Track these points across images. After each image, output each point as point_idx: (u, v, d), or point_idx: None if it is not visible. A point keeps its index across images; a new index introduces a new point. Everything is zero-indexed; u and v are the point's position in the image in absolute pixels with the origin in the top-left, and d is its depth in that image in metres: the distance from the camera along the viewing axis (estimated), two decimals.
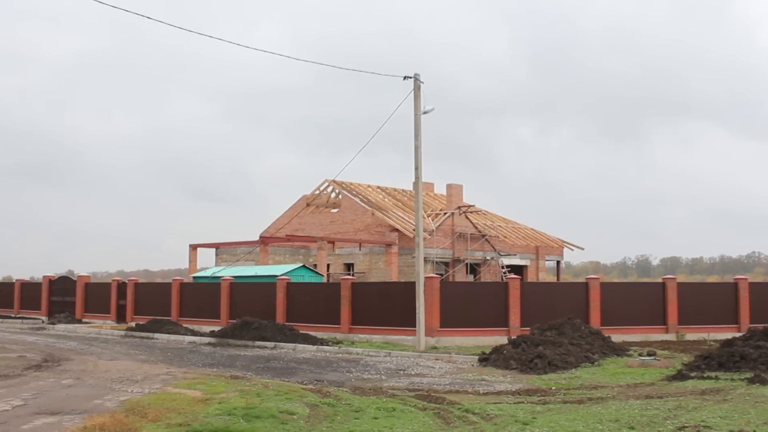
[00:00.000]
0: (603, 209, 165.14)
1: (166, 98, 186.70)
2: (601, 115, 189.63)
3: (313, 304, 27.68)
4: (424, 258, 36.02)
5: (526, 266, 48.50)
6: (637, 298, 26.48)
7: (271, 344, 24.13)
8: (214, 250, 45.92)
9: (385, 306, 25.72)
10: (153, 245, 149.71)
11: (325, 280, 35.82)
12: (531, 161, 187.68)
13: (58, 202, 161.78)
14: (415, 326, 23.39)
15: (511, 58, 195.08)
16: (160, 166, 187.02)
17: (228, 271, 34.29)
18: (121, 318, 34.99)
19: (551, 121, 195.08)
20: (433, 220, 43.79)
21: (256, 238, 43.62)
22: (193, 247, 42.62)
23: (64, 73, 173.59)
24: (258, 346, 24.20)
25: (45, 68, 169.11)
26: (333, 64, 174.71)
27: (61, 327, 32.81)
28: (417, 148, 23.30)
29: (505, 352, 19.19)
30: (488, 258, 45.33)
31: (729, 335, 22.71)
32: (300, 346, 23.58)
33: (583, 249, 52.34)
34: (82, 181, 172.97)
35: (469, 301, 25.08)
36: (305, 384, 15.44)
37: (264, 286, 29.57)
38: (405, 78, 23.12)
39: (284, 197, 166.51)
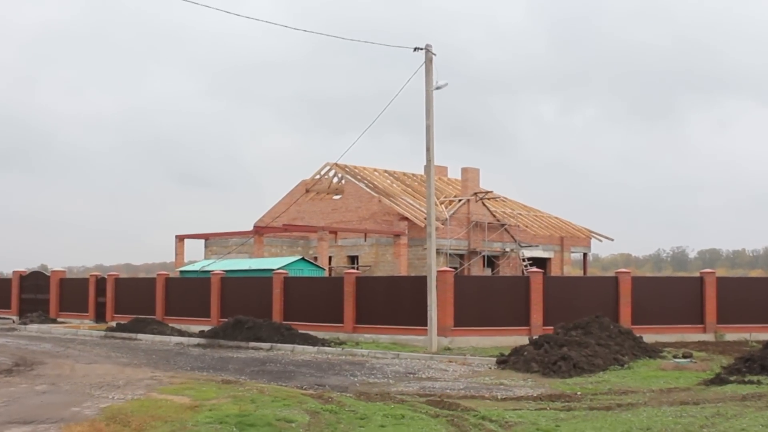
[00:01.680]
0: (634, 196, 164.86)
1: (146, 73, 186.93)
2: (630, 91, 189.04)
3: (313, 301, 27.75)
4: (437, 250, 36.00)
5: (549, 259, 48.48)
6: (672, 295, 26.45)
7: (266, 345, 24.23)
8: (203, 241, 46.01)
9: (394, 303, 25.76)
10: (135, 237, 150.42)
11: (326, 274, 35.90)
12: (553, 142, 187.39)
13: (27, 189, 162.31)
14: (426, 325, 23.44)
15: (530, 28, 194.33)
16: (142, 148, 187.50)
17: (219, 265, 34.40)
18: (100, 317, 35.18)
19: (575, 98, 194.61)
20: (446, 208, 43.78)
21: (250, 227, 43.73)
22: (180, 239, 42.75)
23: (30, 46, 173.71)
24: (252, 348, 24.30)
25: (9, 41, 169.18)
26: (332, 34, 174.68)
27: (33, 327, 33.01)
28: (428, 128, 23.24)
29: (525, 353, 19.23)
30: (507, 250, 45.31)
31: None
32: (299, 347, 23.68)
33: (612, 240, 52.35)
34: (53, 165, 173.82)
35: (486, 298, 25.10)
36: (305, 389, 15.50)
37: (259, 282, 29.65)
38: (415, 50, 23.03)
39: (281, 183, 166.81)
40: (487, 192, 45.79)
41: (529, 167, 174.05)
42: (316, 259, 39.68)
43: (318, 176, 48.58)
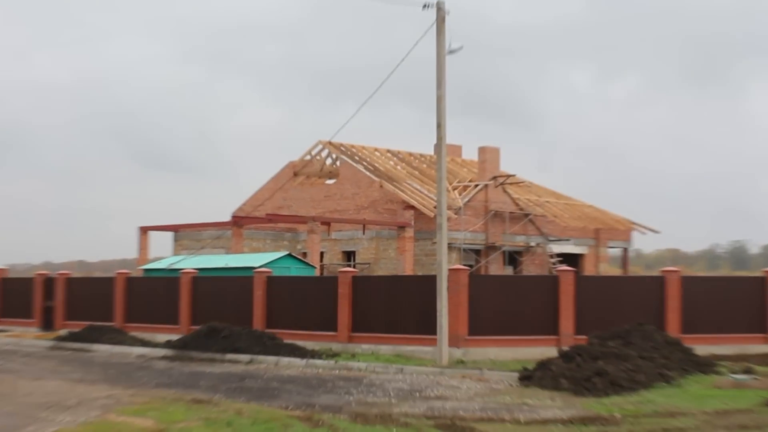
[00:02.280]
0: (684, 180, 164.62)
1: (103, 34, 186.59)
2: (679, 56, 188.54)
3: (301, 305, 27.74)
4: (448, 244, 35.86)
5: (582, 255, 48.47)
6: (730, 298, 26.40)
7: (246, 357, 24.23)
8: (171, 234, 46.01)
9: (397, 307, 25.75)
10: (90, 228, 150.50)
11: (317, 273, 35.88)
12: (587, 117, 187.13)
13: None
14: (435, 333, 23.42)
15: None
16: (98, 123, 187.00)
17: (190, 262, 34.40)
18: (48, 324, 35.21)
19: (613, 65, 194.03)
20: (460, 195, 43.73)
21: (227, 218, 43.69)
22: (144, 231, 42.71)
23: None
24: (229, 360, 24.30)
25: None
26: None
27: None
28: (440, 100, 23.17)
29: (553, 367, 19.21)
30: (533, 244, 45.29)
31: None
32: (284, 360, 23.68)
33: (658, 233, 52.34)
34: None
35: (506, 301, 25.07)
36: (291, 409, 15.48)
37: (237, 282, 29.64)
38: (425, 7, 22.93)
39: (264, 165, 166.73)
40: (508, 176, 45.71)
41: (559, 147, 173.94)
42: (305, 255, 39.64)
43: (308, 157, 48.53)
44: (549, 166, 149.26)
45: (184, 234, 45.46)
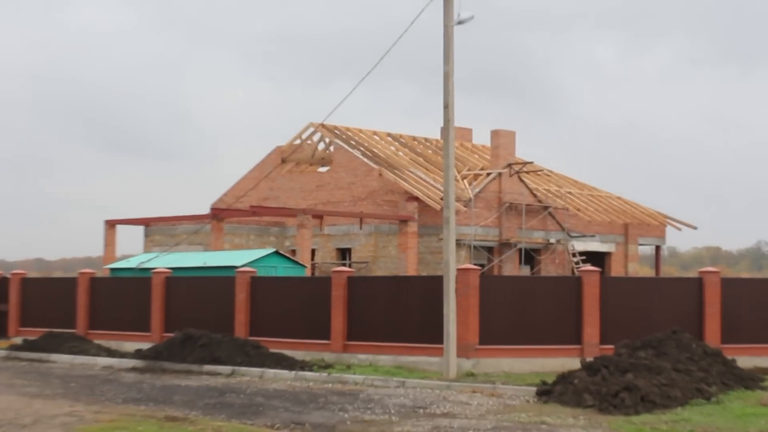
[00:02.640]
0: (726, 169, 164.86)
1: (64, 2, 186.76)
2: (719, 27, 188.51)
3: (290, 310, 27.70)
4: (457, 240, 35.87)
5: (609, 254, 48.42)
6: None
7: (226, 369, 24.18)
8: (142, 228, 45.97)
9: (398, 312, 25.70)
10: (49, 222, 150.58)
11: (308, 273, 35.82)
12: (614, 96, 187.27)
13: None
14: (441, 342, 23.37)
15: None
16: (58, 104, 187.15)
17: (163, 261, 34.33)
18: (1, 331, 35.11)
19: (644, 36, 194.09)
20: (470, 185, 43.64)
21: (206, 210, 43.59)
22: (111, 225, 42.65)
23: None
24: (207, 372, 24.25)
25: None
26: None
27: None
28: (447, 77, 23.11)
29: (576, 381, 19.15)
30: (553, 241, 45.22)
31: None
32: (270, 372, 23.63)
33: (695, 228, 52.23)
34: None
35: (523, 306, 25.01)
36: (277, 428, 15.43)
37: (217, 283, 29.59)
38: None
39: (247, 150, 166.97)
40: (525, 163, 45.63)
41: (582, 130, 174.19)
42: (294, 252, 39.57)
43: (298, 141, 48.41)
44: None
45: (157, 228, 45.36)
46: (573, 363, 22.06)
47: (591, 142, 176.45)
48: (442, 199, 32.59)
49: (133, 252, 44.86)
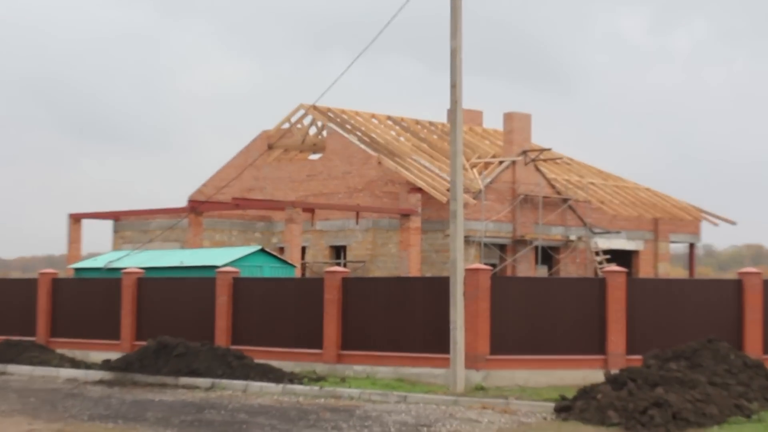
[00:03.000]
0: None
1: None
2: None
3: (277, 315, 27.69)
4: (465, 237, 35.88)
5: (636, 252, 48.43)
6: None
7: (206, 382, 24.17)
8: (110, 223, 45.91)
9: (399, 317, 25.69)
10: (5, 216, 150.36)
11: (298, 273, 35.80)
12: (642, 76, 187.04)
13: None
14: (447, 352, 23.34)
15: None
16: (16, 84, 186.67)
17: (135, 260, 34.32)
18: None
19: (675, 8, 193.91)
20: (480, 174, 43.62)
21: (183, 203, 43.59)
22: (76, 219, 42.57)
23: None
24: (184, 386, 24.25)
25: None
26: None
27: None
28: (455, 53, 23.07)
29: (599, 396, 19.15)
30: (573, 238, 45.20)
31: None
32: (255, 386, 23.63)
33: (734, 224, 52.20)
34: None
35: (539, 310, 25.00)
36: None
37: (195, 285, 29.59)
38: None
39: (230, 135, 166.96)
40: (542, 150, 45.58)
41: (607, 113, 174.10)
42: (282, 250, 39.55)
43: (287, 125, 48.40)
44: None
45: (128, 223, 45.33)
46: (596, 375, 22.08)
47: (616, 126, 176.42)
48: (448, 190, 32.58)
49: (100, 250, 44.86)
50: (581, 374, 23.57)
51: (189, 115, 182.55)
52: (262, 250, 33.67)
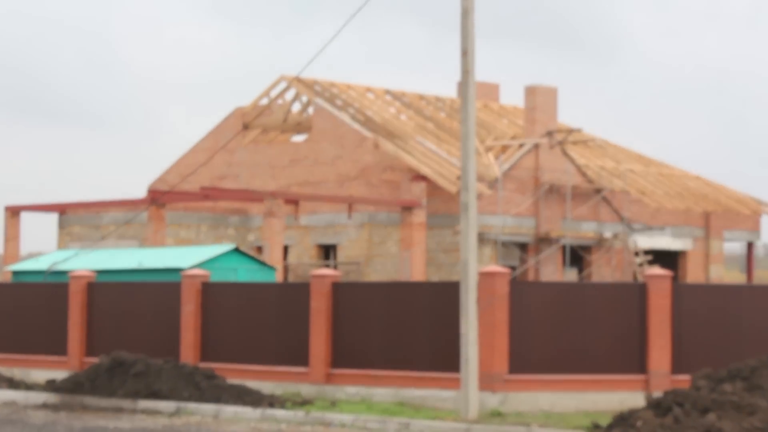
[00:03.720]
0: None
1: None
2: None
3: (255, 327, 27.72)
4: (480, 234, 35.82)
5: (684, 252, 48.49)
6: None
7: (170, 406, 24.22)
8: (56, 217, 45.88)
9: (400, 330, 25.73)
10: None
11: (279, 277, 35.81)
12: (690, 44, 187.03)
13: None
14: (457, 370, 23.36)
15: None
16: None
17: (85, 261, 34.35)
18: None
19: None
20: (497, 159, 43.64)
21: (142, 193, 43.61)
22: (13, 212, 42.57)
23: None
24: (144, 410, 24.31)
25: None
26: None
27: None
28: (466, 13, 23.03)
29: (639, 423, 19.20)
30: (608, 235, 45.24)
31: None
32: (228, 410, 23.68)
33: None
34: None
35: (568, 322, 24.99)
36: None
37: (156, 291, 29.63)
38: None
39: (198, 113, 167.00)
40: (571, 131, 45.62)
41: (647, 87, 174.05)
42: (260, 250, 39.60)
43: (265, 100, 48.41)
44: None
45: (76, 217, 45.34)
46: (635, 399, 22.16)
47: (659, 103, 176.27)
48: (458, 178, 32.57)
49: (43, 249, 44.90)
50: (617, 397, 23.63)
51: (149, 90, 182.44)
52: (237, 250, 33.69)
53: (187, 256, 32.90)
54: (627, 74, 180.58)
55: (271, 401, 24.40)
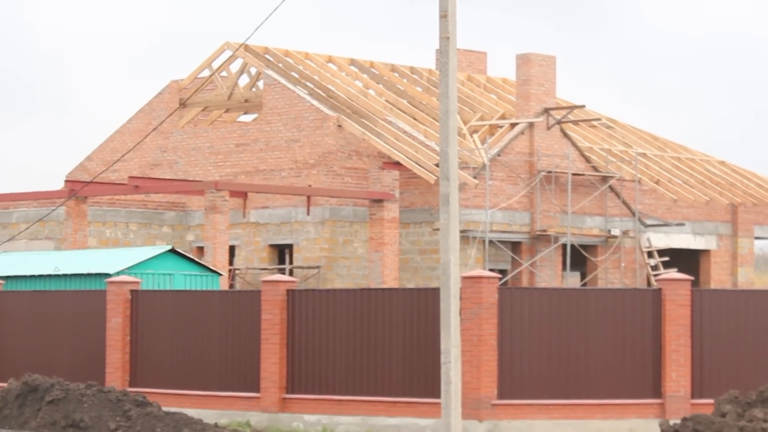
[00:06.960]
0: None
1: None
2: None
3: (195, 344, 27.76)
4: (464, 232, 35.87)
5: (706, 252, 48.59)
6: None
7: None
8: None
9: (368, 346, 25.80)
10: None
11: (224, 284, 35.78)
12: (710, 3, 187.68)
13: None
14: (437, 396, 23.39)
15: None
16: None
17: None
18: None
19: None
20: (484, 142, 43.71)
21: (59, 185, 43.50)
22: None
23: None
24: None
25: None
26: None
27: None
28: None
29: None
30: (616, 232, 45.34)
31: None
32: None
33: None
34: None
35: (568, 335, 25.13)
36: None
37: (76, 301, 29.58)
38: None
39: (125, 89, 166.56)
40: (572, 108, 45.71)
41: (662, 56, 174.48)
42: (201, 251, 39.58)
43: (206, 72, 48.33)
44: None
45: None
46: (648, 427, 22.30)
47: (675, 75, 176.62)
48: (437, 165, 32.66)
49: None
50: (627, 425, 23.76)
51: (65, 63, 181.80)
52: (173, 251, 33.69)
53: (113, 259, 32.84)
54: (636, 42, 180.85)
55: None
